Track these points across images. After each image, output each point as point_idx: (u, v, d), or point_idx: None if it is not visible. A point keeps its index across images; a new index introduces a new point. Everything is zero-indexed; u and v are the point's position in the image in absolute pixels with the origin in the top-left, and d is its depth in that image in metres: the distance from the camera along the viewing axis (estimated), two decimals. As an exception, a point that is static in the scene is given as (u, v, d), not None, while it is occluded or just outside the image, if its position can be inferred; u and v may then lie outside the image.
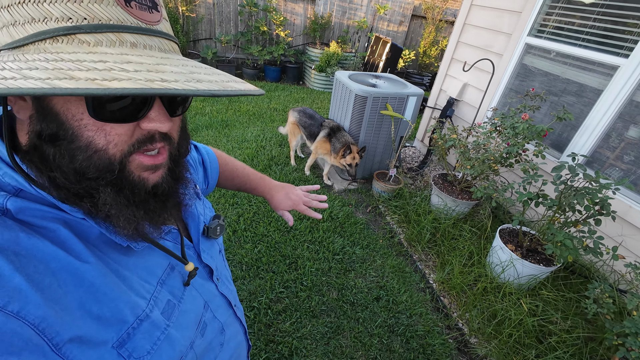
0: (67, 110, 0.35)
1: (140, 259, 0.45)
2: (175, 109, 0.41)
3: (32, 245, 0.34)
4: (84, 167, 0.36)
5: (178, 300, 0.48)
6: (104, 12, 0.32)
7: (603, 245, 1.64)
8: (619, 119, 2.12)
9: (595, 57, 2.21)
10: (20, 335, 0.30)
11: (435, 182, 2.69)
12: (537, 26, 2.60)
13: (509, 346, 1.73)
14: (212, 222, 0.62)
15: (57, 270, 0.35)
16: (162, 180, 0.43)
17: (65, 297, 0.35)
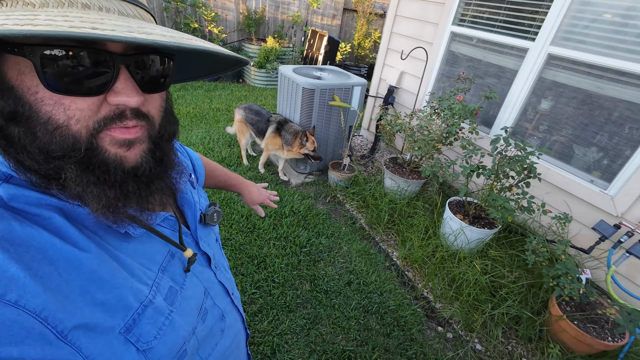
0: (22, 83, 0.33)
1: (140, 245, 0.45)
2: (149, 84, 0.38)
3: (27, 235, 0.33)
4: (47, 145, 0.34)
5: (180, 286, 0.48)
6: None
7: (534, 203, 1.90)
8: (533, 94, 2.45)
9: (508, 42, 2.52)
10: (20, 324, 0.30)
11: (387, 166, 2.85)
12: (459, 16, 2.86)
13: (468, 304, 1.93)
14: (209, 209, 0.62)
15: (55, 258, 0.34)
16: (141, 160, 0.39)
17: (66, 285, 0.34)
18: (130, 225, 0.42)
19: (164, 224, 0.51)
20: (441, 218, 2.43)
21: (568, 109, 2.27)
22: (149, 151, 0.41)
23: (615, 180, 2.06)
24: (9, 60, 0.33)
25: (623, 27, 1.93)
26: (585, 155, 2.24)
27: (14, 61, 0.32)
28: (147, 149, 0.41)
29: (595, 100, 2.12)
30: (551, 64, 2.30)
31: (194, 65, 0.52)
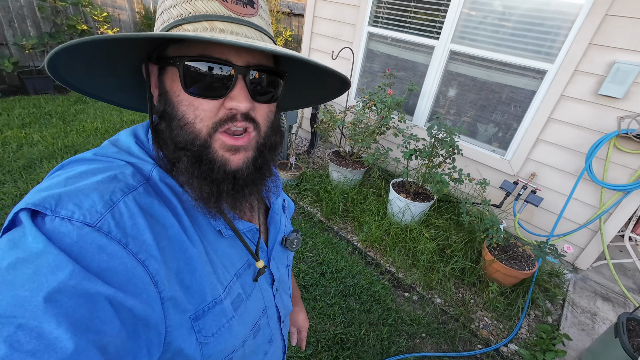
0: (171, 89, 0.42)
1: (227, 247, 0.49)
2: (257, 93, 0.44)
3: (160, 212, 0.40)
4: (176, 137, 0.42)
5: (247, 296, 0.52)
6: (204, 6, 0.40)
7: (463, 174, 2.32)
8: (442, 84, 2.92)
9: (418, 40, 2.93)
10: (142, 279, 0.36)
11: (332, 160, 3.04)
12: (373, 17, 3.19)
13: (425, 268, 2.26)
14: (291, 235, 0.66)
15: (172, 237, 0.40)
16: (243, 165, 0.45)
17: (171, 262, 0.40)
18: (223, 225, 0.47)
19: (247, 234, 0.54)
20: (387, 199, 2.74)
21: (470, 94, 2.79)
22: (252, 159, 0.46)
23: (509, 148, 2.64)
24: (167, 71, 0.43)
25: (501, 29, 2.47)
26: (486, 130, 2.79)
27: (170, 71, 0.42)
28: (251, 156, 0.46)
29: (488, 87, 2.67)
30: (453, 58, 2.78)
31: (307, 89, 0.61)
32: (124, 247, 0.35)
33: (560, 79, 2.25)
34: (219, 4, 0.40)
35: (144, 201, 0.39)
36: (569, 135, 2.32)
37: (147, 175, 0.42)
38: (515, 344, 1.93)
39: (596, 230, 2.36)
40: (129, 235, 0.36)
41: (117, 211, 0.36)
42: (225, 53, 0.40)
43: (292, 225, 2.61)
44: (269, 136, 0.48)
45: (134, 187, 0.39)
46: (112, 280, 0.33)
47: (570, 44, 2.17)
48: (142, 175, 0.42)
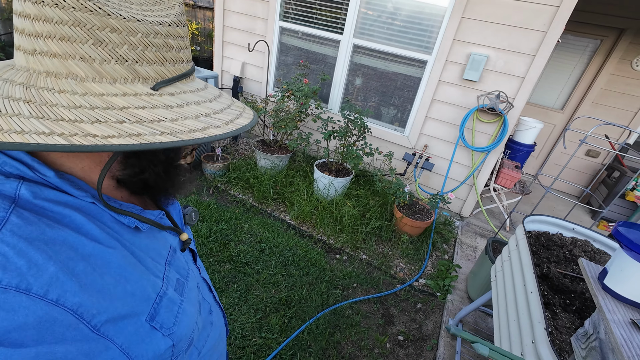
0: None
1: (149, 240, 0.48)
2: None
3: (57, 235, 0.34)
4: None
5: (185, 278, 0.52)
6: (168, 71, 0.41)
7: (373, 149, 2.73)
8: (350, 74, 3.32)
9: (325, 35, 3.27)
10: (61, 322, 0.31)
11: (258, 148, 3.18)
12: (283, 12, 3.40)
13: (350, 232, 2.62)
14: (186, 210, 0.66)
15: (87, 255, 0.36)
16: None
17: (100, 279, 0.36)
18: (137, 221, 0.45)
19: (161, 221, 0.53)
20: (313, 179, 3.03)
21: (373, 82, 3.25)
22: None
23: (407, 126, 3.19)
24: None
25: (391, 26, 2.95)
26: (388, 112, 3.30)
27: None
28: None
29: (386, 75, 3.15)
30: (356, 51, 3.19)
31: None
32: (26, 293, 0.29)
33: (437, 68, 2.84)
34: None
35: (26, 231, 0.31)
36: (447, 112, 2.94)
37: (12, 196, 0.33)
38: (424, 278, 2.43)
39: (471, 185, 3.05)
40: (27, 276, 0.29)
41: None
42: None
43: (224, 212, 2.70)
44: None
45: (2, 219, 0.31)
46: (21, 340, 0.28)
47: (441, 40, 2.76)
48: (3, 199, 0.33)
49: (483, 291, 2.08)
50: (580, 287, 1.35)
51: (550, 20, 2.37)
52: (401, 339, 1.95)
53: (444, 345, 1.89)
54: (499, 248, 2.26)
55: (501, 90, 2.62)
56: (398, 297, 2.25)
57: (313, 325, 1.89)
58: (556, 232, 1.69)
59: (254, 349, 1.71)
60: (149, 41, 0.37)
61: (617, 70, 3.72)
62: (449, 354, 1.83)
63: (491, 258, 2.03)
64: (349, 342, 1.86)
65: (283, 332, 1.82)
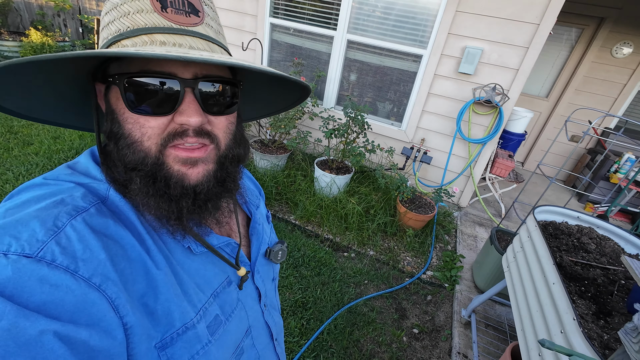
0: (117, 107, 0.40)
1: (201, 265, 0.46)
2: (210, 105, 0.42)
3: (117, 233, 0.38)
4: (124, 157, 0.40)
5: (226, 317, 0.48)
6: (142, 19, 0.38)
7: (374, 146, 2.75)
8: (344, 70, 3.30)
9: (318, 31, 3.22)
10: (98, 306, 0.32)
11: (256, 149, 3.14)
12: (273, 8, 3.33)
13: (356, 229, 2.64)
14: (275, 246, 0.62)
15: (132, 258, 0.38)
16: (203, 178, 0.42)
17: (133, 284, 0.37)
18: (193, 241, 0.44)
19: (225, 248, 0.51)
20: (314, 177, 3.02)
21: (368, 78, 3.25)
22: (212, 171, 0.43)
23: (404, 120, 3.21)
24: (112, 90, 0.41)
25: (385, 20, 2.94)
26: (384, 107, 3.31)
27: (113, 90, 0.40)
28: (212, 169, 0.43)
29: (382, 70, 3.16)
30: (350, 47, 3.17)
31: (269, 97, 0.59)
32: (73, 273, 0.31)
33: (432, 62, 2.86)
34: (159, 16, 0.38)
35: (96, 222, 0.36)
36: (444, 105, 2.98)
37: (103, 196, 0.40)
38: (431, 271, 2.49)
39: (468, 175, 3.13)
40: (79, 260, 0.32)
41: (63, 236, 0.33)
42: (169, 66, 0.38)
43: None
44: (231, 148, 0.46)
45: (84, 209, 0.36)
46: (57, 313, 0.30)
47: (436, 34, 2.78)
48: (96, 196, 0.39)
49: (491, 281, 2.15)
50: (592, 274, 1.42)
51: (542, 12, 2.43)
52: (416, 332, 2.00)
53: (458, 335, 1.95)
54: (503, 237, 2.34)
55: (497, 83, 2.68)
56: (408, 290, 2.30)
57: (331, 325, 1.91)
58: (562, 220, 1.76)
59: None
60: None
61: (598, 58, 3.87)
62: (464, 343, 1.90)
63: (497, 248, 2.10)
64: (367, 339, 1.89)
65: (303, 334, 1.83)
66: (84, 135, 3.47)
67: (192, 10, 0.40)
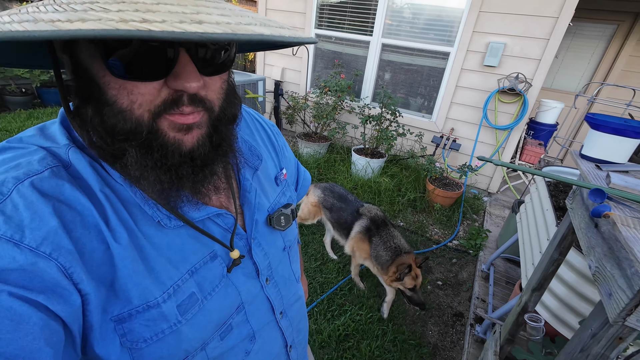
0: (92, 67, 0.34)
1: (177, 239, 0.42)
2: (209, 67, 0.37)
3: (74, 197, 0.35)
4: (112, 128, 0.35)
5: (204, 296, 0.44)
6: None
7: (405, 129, 3.11)
8: (379, 70, 3.73)
9: (356, 38, 3.72)
10: (50, 274, 0.31)
11: (300, 139, 3.64)
12: (317, 21, 3.90)
13: (388, 204, 2.98)
14: (276, 211, 0.56)
15: (89, 225, 0.35)
16: (197, 143, 0.39)
17: (90, 254, 0.35)
18: (165, 214, 0.41)
19: (218, 220, 0.47)
20: (351, 162, 3.43)
21: (400, 76, 3.65)
22: (206, 135, 0.40)
23: (434, 112, 3.54)
24: (80, 44, 0.33)
25: (415, 24, 3.35)
26: (416, 102, 3.67)
27: (84, 45, 0.33)
28: (205, 133, 0.40)
29: (413, 68, 3.54)
30: (385, 49, 3.61)
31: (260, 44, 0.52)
32: (17, 243, 0.30)
33: (459, 58, 3.19)
34: None
35: (47, 185, 0.34)
36: (471, 96, 3.27)
37: (66, 160, 0.37)
38: (457, 240, 2.73)
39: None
40: (26, 228, 0.31)
41: (8, 204, 0.31)
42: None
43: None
44: (224, 109, 0.42)
45: (37, 172, 0.34)
46: (7, 278, 0.29)
47: (462, 32, 3.12)
48: (57, 159, 0.36)
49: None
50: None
51: (560, 7, 2.68)
52: (440, 284, 2.27)
53: (478, 285, 2.19)
54: (525, 208, 2.54)
55: (519, 72, 2.93)
56: (434, 254, 2.57)
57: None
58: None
59: (318, 284, 2.10)
60: None
61: (636, 51, 3.90)
62: (483, 291, 2.13)
63: (515, 210, 2.32)
64: (395, 283, 2.21)
65: (340, 273, 2.20)
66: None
67: None
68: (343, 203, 2.13)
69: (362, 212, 2.01)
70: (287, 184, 0.64)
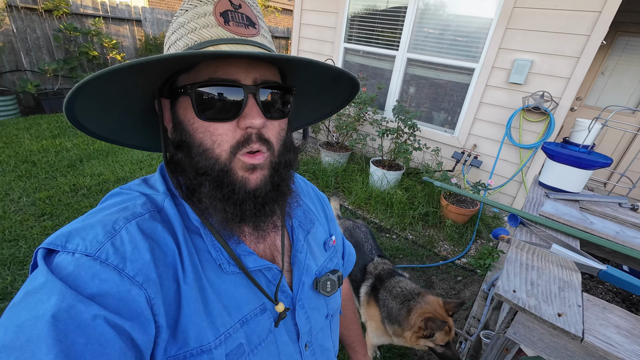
0: (185, 117, 0.44)
1: (232, 287, 0.46)
2: (268, 110, 0.45)
3: (162, 237, 0.42)
4: (197, 164, 0.43)
5: (251, 349, 0.46)
6: (209, 33, 0.43)
7: (421, 144, 3.14)
8: (404, 84, 3.79)
9: (382, 52, 3.81)
10: (138, 302, 0.36)
11: (322, 147, 3.80)
12: (347, 35, 4.06)
13: (398, 215, 3.02)
14: (324, 276, 0.58)
15: (169, 265, 0.41)
16: (261, 182, 0.45)
17: (167, 290, 0.40)
18: (226, 259, 0.46)
19: (267, 274, 0.50)
20: (369, 173, 3.52)
21: (424, 90, 3.67)
22: (268, 176, 0.46)
23: (456, 127, 3.51)
24: (180, 102, 0.44)
25: (442, 38, 3.38)
26: (439, 116, 3.66)
27: (182, 100, 0.44)
28: (267, 174, 0.46)
29: (437, 83, 3.55)
30: (410, 63, 3.67)
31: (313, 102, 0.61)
32: (120, 271, 0.36)
33: (484, 74, 3.15)
34: (223, 29, 0.43)
35: (147, 225, 0.41)
36: (494, 113, 3.20)
37: (160, 205, 0.45)
38: (466, 258, 2.70)
39: (521, 182, 3.21)
40: (127, 260, 0.37)
41: (118, 238, 0.38)
42: (233, 74, 0.42)
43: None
44: (283, 154, 0.48)
45: (140, 214, 0.41)
46: (106, 303, 0.34)
47: (487, 49, 3.09)
48: (154, 204, 0.44)
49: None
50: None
51: (592, 24, 2.57)
52: (439, 300, 2.28)
53: (477, 305, 2.17)
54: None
55: (545, 90, 2.84)
56: (440, 270, 2.57)
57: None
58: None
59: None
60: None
61: (696, 70, 3.53)
62: (480, 311, 2.11)
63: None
64: (392, 294, 2.26)
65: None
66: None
67: (250, 23, 0.45)
68: (357, 252, 1.56)
69: (368, 269, 1.69)
70: (335, 250, 0.67)
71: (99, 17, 5.56)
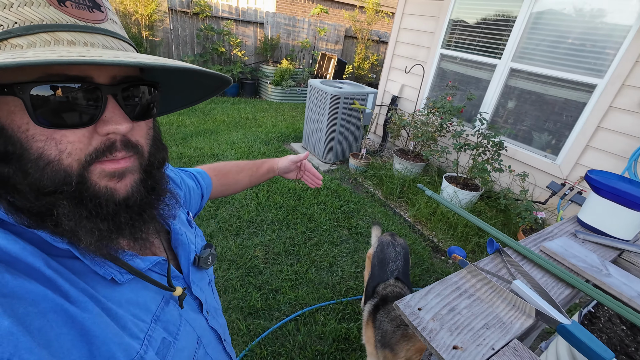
0: (12, 122, 0.33)
1: (131, 293, 0.42)
2: (136, 111, 0.39)
3: (19, 286, 0.31)
4: (37, 182, 0.34)
5: (173, 337, 0.46)
6: (35, 13, 0.32)
7: (503, 165, 2.75)
8: (502, 97, 3.35)
9: (482, 60, 3.45)
10: None
11: (396, 154, 3.69)
12: (445, 41, 3.81)
13: (461, 240, 2.71)
14: (204, 251, 0.59)
15: (47, 311, 0.32)
16: (132, 189, 0.39)
17: (57, 340, 0.32)
18: (116, 270, 0.41)
19: (156, 269, 0.48)
20: (440, 189, 3.25)
21: (526, 106, 3.17)
22: (140, 181, 0.41)
23: (560, 153, 2.93)
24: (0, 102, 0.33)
25: (556, 48, 2.87)
26: (540, 138, 3.12)
27: (3, 102, 0.33)
28: (138, 178, 0.41)
29: (542, 99, 3.03)
30: (513, 75, 3.22)
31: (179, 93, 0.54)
32: None
33: (608, 92, 2.55)
34: (57, 10, 0.32)
35: None
36: (616, 142, 2.56)
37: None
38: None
39: (643, 233, 2.49)
40: None
41: None
42: (83, 69, 0.33)
43: (355, 197, 3.31)
44: (154, 154, 0.44)
45: None
46: None
47: (619, 62, 2.48)
48: None
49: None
50: None
51: None
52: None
53: None
54: None
55: (699, 120, 2.13)
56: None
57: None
58: None
59: (353, 286, 2.22)
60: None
61: None
62: None
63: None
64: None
65: (371, 286, 2.24)
66: (292, 123, 5.05)
67: (94, 5, 0.35)
68: (379, 269, 1.66)
69: (378, 289, 1.56)
70: (195, 225, 0.67)
71: (231, 20, 6.59)
